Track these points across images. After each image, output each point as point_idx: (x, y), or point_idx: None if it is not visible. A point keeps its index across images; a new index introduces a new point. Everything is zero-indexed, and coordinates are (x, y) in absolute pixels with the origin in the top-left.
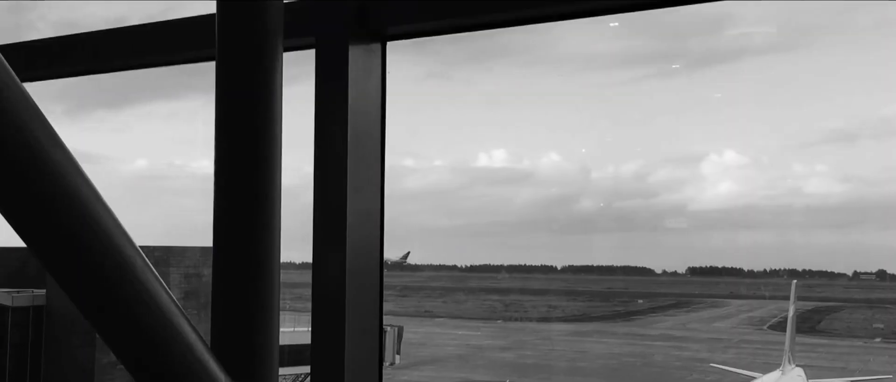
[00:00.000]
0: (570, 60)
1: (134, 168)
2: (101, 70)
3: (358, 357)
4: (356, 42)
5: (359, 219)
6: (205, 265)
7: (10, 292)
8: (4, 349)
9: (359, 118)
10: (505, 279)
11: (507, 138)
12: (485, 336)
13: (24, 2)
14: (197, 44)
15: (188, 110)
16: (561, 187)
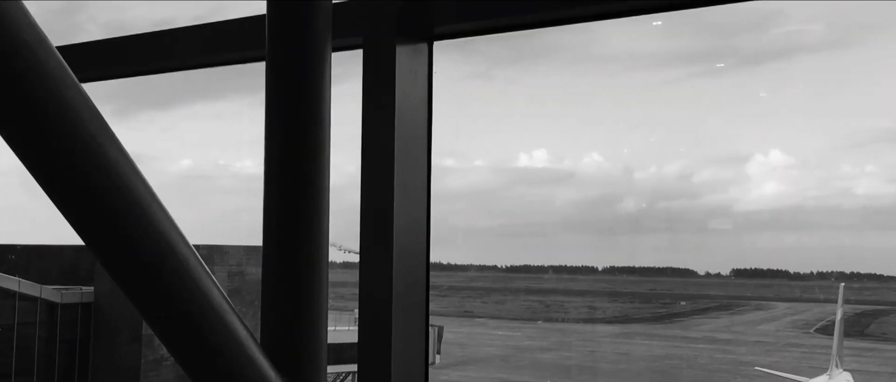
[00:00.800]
0: (612, 60)
1: (179, 168)
2: (153, 71)
3: (404, 357)
4: (403, 42)
5: (405, 219)
6: (248, 263)
7: (59, 289)
8: (54, 344)
9: (405, 119)
10: (550, 279)
11: (548, 138)
12: (525, 336)
13: (75, 4)
14: (246, 45)
15: (232, 111)
16: (603, 187)
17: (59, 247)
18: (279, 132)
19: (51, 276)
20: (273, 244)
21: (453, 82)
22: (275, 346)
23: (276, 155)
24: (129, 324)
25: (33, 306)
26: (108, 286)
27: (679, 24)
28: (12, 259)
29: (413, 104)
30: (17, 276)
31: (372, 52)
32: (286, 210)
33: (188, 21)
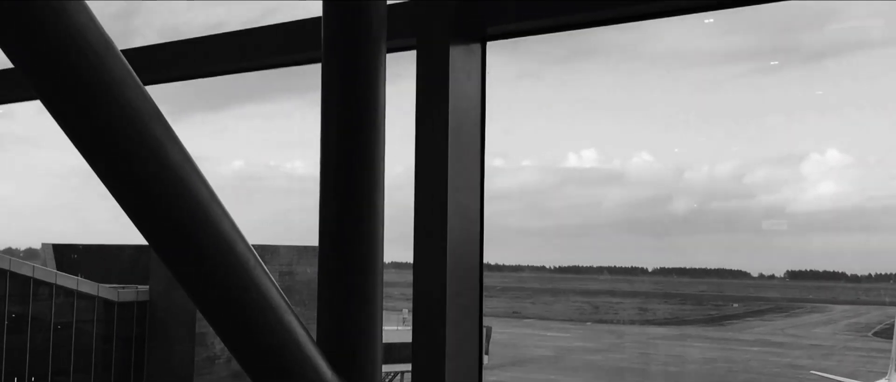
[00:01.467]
0: (663, 58)
1: (231, 169)
2: (209, 74)
3: (458, 356)
4: (457, 43)
5: (459, 219)
6: (298, 263)
7: (116, 287)
8: (111, 342)
9: (459, 119)
10: (599, 280)
11: (597, 138)
12: (574, 337)
13: (131, 8)
14: (301, 47)
15: (283, 112)
16: (653, 187)
17: (120, 246)
18: (335, 133)
19: (111, 275)
20: (329, 245)
21: (503, 82)
22: (331, 345)
23: (332, 156)
24: (182, 322)
25: (91, 304)
26: (163, 284)
27: (731, 21)
28: (74, 258)
29: (466, 105)
30: (79, 275)
31: (426, 53)
32: (342, 211)
33: (239, 24)
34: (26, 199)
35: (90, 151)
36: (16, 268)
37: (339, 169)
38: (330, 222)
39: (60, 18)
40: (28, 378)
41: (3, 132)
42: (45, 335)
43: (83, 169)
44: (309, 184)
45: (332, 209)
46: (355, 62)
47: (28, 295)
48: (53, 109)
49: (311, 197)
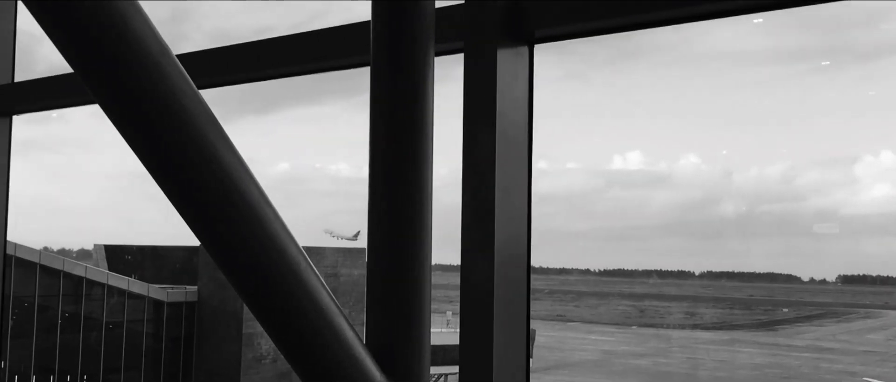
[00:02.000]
0: (711, 59)
1: (277, 171)
2: (260, 78)
3: (506, 358)
4: (504, 46)
5: (506, 221)
6: (342, 265)
7: (165, 288)
8: (161, 341)
9: (507, 122)
10: (644, 283)
11: (643, 140)
12: (619, 341)
13: (181, 12)
14: (349, 51)
15: (329, 114)
16: (700, 189)
17: (172, 248)
18: (384, 136)
19: (163, 275)
20: (377, 247)
21: (548, 84)
22: (379, 346)
23: (381, 158)
24: (230, 323)
25: (141, 304)
26: (211, 285)
27: (781, 21)
28: (128, 259)
29: (514, 107)
30: (133, 275)
31: (473, 55)
32: (390, 213)
33: (288, 28)
34: (79, 200)
35: (146, 155)
36: (69, 268)
37: (387, 172)
38: (378, 224)
39: (120, 26)
40: (80, 376)
41: (57, 135)
42: (97, 334)
43: (134, 171)
44: (353, 186)
45: (381, 212)
46: (404, 66)
47: (80, 295)
48: (111, 115)
49: (356, 199)
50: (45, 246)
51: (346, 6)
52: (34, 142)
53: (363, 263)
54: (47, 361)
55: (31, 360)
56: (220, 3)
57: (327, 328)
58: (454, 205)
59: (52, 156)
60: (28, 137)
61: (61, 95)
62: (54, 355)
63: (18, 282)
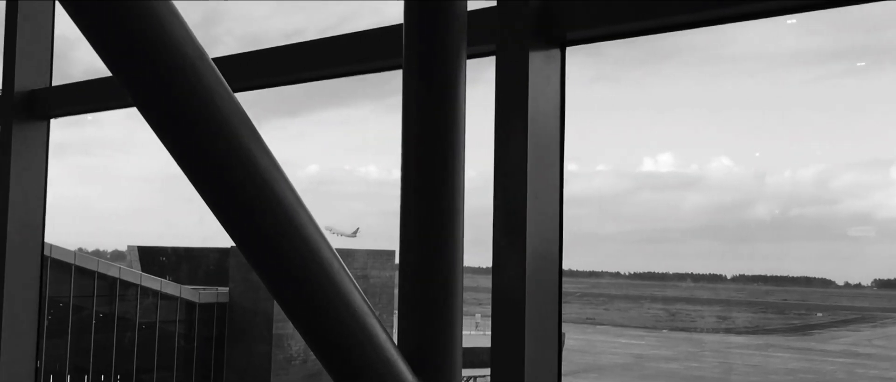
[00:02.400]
0: (744, 60)
1: (307, 173)
2: (294, 81)
3: (537, 362)
4: (536, 48)
5: (538, 224)
6: (372, 267)
7: (197, 289)
8: (193, 341)
9: (538, 124)
10: (684, 286)
11: (674, 142)
12: (649, 345)
13: (213, 16)
14: (382, 54)
15: (358, 117)
16: (732, 192)
17: (205, 249)
18: (416, 139)
19: (198, 277)
20: (410, 249)
21: (578, 86)
22: (411, 348)
23: (413, 161)
24: (260, 324)
25: (174, 305)
26: (242, 286)
27: (816, 21)
28: (163, 261)
29: (545, 110)
30: (168, 276)
31: (504, 58)
32: (422, 215)
33: (318, 31)
34: (113, 202)
35: (183, 157)
36: (103, 269)
37: (419, 174)
38: (410, 226)
39: (158, 30)
40: (114, 375)
41: (91, 138)
42: (131, 334)
43: (166, 174)
44: (382, 188)
45: (413, 214)
46: (436, 68)
47: (114, 296)
48: (149, 118)
49: (385, 201)
50: (80, 247)
51: (375, 8)
52: (69, 145)
53: (393, 265)
54: (82, 360)
55: (66, 359)
56: (252, 8)
57: (360, 330)
58: (482, 207)
59: (87, 158)
60: (63, 139)
61: (97, 99)
62: (89, 354)
63: (54, 283)
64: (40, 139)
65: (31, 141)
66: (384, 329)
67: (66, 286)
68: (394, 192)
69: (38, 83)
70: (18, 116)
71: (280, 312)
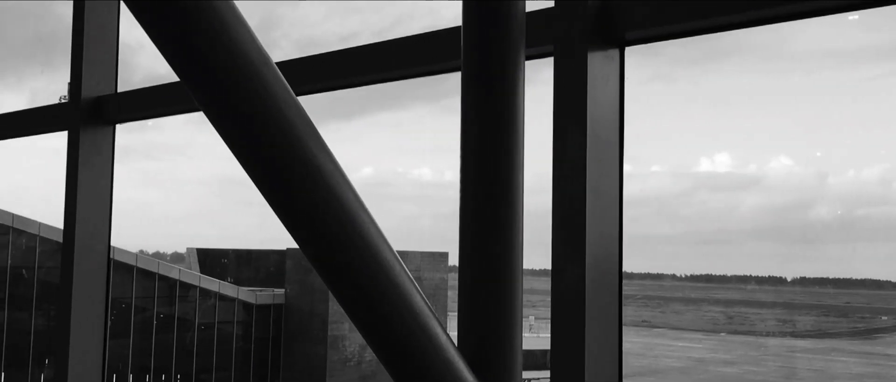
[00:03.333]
0: (804, 58)
1: (361, 176)
2: (354, 84)
3: (598, 365)
4: (595, 49)
5: (598, 225)
6: (426, 268)
7: (254, 290)
8: (250, 342)
9: (597, 125)
10: (742, 289)
11: (732, 142)
12: (707, 348)
13: (271, 21)
14: (439, 57)
15: (412, 120)
16: (792, 193)
17: (266, 252)
18: (475, 141)
19: (259, 278)
20: (469, 250)
21: (634, 85)
22: (471, 350)
23: (472, 163)
24: (316, 325)
25: (231, 306)
26: (298, 288)
27: (878, 17)
28: (224, 263)
29: (604, 111)
30: (229, 278)
31: (563, 59)
32: (482, 217)
33: (373, 33)
34: (172, 205)
35: (248, 161)
36: (164, 271)
37: (478, 176)
38: (470, 228)
39: (224, 37)
40: (174, 375)
41: (152, 143)
42: (190, 334)
43: (224, 177)
44: (436, 191)
45: (472, 215)
46: (495, 71)
47: (174, 297)
48: (215, 122)
49: (439, 203)
50: (141, 249)
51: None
52: (131, 149)
53: (446, 267)
54: (143, 360)
55: (129, 359)
56: (308, 12)
57: (420, 331)
58: (535, 209)
59: (148, 162)
60: (124, 143)
61: (161, 104)
62: (150, 354)
63: (116, 284)
64: (106, 144)
65: (98, 146)
66: (445, 331)
67: (128, 287)
68: (447, 194)
69: (104, 90)
70: (86, 122)
71: (335, 313)
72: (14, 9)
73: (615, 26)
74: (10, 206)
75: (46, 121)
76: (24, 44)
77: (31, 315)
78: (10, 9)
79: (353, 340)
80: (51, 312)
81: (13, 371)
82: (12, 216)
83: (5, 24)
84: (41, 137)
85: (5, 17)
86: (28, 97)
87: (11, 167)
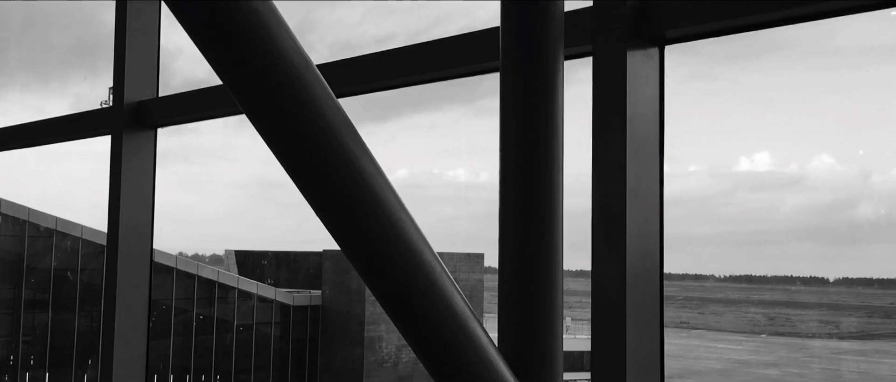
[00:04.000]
0: (847, 54)
1: (396, 178)
2: (391, 87)
3: (640, 367)
4: (634, 48)
5: (638, 226)
6: (461, 269)
7: (291, 292)
8: (288, 343)
9: (637, 126)
10: (783, 289)
11: (772, 141)
12: (747, 350)
13: (306, 24)
14: (477, 58)
15: (448, 122)
16: (834, 192)
17: (304, 253)
18: (515, 142)
19: (299, 280)
20: (509, 252)
21: (672, 83)
22: (512, 352)
23: (512, 165)
24: (352, 326)
25: (269, 307)
26: (335, 289)
27: None
28: (264, 264)
29: (644, 111)
30: (269, 280)
31: (602, 59)
32: (522, 218)
33: (408, 35)
34: (210, 208)
35: (290, 163)
36: (203, 273)
37: (518, 177)
38: (509, 229)
39: (268, 43)
40: (213, 376)
41: (189, 146)
42: (229, 335)
43: (261, 180)
44: (472, 192)
45: (512, 217)
46: (533, 72)
47: (213, 298)
48: (259, 126)
49: (474, 204)
50: (180, 252)
51: (465, 11)
52: (170, 152)
53: (482, 268)
54: (184, 361)
55: (169, 360)
56: (344, 14)
57: (461, 332)
58: (572, 209)
59: (186, 165)
60: (162, 147)
61: (201, 108)
62: (190, 355)
63: (156, 286)
64: (148, 148)
65: (140, 150)
66: (485, 332)
67: (168, 289)
68: (482, 195)
69: (145, 94)
70: (128, 127)
71: (372, 314)
72: (59, 15)
73: (655, 25)
74: (54, 209)
75: (90, 125)
76: (68, 50)
77: (74, 316)
78: (55, 15)
79: (389, 341)
80: (93, 313)
81: (58, 371)
82: (56, 220)
83: (51, 31)
84: (81, 142)
85: (51, 23)
86: (71, 102)
87: (54, 172)
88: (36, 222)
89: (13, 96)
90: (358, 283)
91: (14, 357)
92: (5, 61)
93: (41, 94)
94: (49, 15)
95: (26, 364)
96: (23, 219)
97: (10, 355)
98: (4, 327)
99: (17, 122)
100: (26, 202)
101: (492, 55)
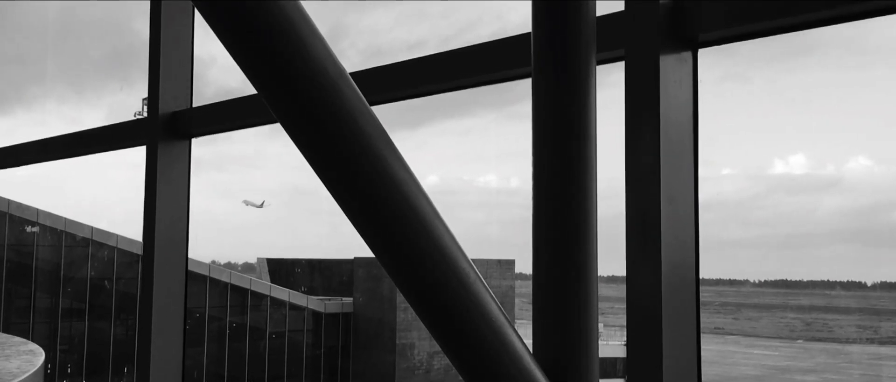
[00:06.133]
0: (884, 53)
1: (427, 184)
2: (423, 94)
3: (677, 373)
4: (667, 51)
5: (673, 230)
6: (492, 275)
7: (323, 299)
8: (320, 350)
9: (671, 130)
10: (820, 294)
11: (807, 142)
12: (783, 356)
13: (338, 31)
14: (509, 64)
15: (479, 127)
16: (873, 194)
17: (338, 261)
18: (548, 147)
19: (332, 287)
20: (543, 258)
21: (706, 86)
22: (547, 358)
23: (545, 170)
24: (384, 334)
25: (301, 315)
26: (366, 296)
27: None
28: (298, 272)
29: (678, 115)
30: (302, 287)
31: (634, 62)
32: (555, 224)
33: (439, 41)
34: (243, 216)
35: (325, 172)
36: (236, 281)
37: (551, 183)
38: (543, 234)
39: (302, 52)
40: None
41: (222, 154)
42: (262, 342)
43: (293, 188)
44: (502, 197)
45: (546, 222)
46: (566, 77)
47: (246, 306)
48: (294, 136)
49: (504, 210)
50: (213, 260)
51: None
52: (203, 161)
53: (513, 274)
54: (217, 368)
55: (203, 367)
56: (375, 20)
57: (495, 338)
58: (605, 213)
59: (219, 174)
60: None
61: (234, 118)
62: (223, 362)
63: (190, 294)
64: (183, 158)
65: (175, 160)
66: (520, 339)
67: (202, 297)
68: (513, 200)
69: (180, 105)
70: (163, 137)
71: (404, 321)
72: (93, 27)
73: (687, 28)
74: (89, 219)
75: (126, 136)
76: (102, 61)
77: (110, 325)
78: (90, 27)
79: (421, 348)
80: (129, 322)
81: (94, 379)
82: (91, 229)
83: (86, 42)
84: (114, 153)
85: (86, 34)
86: (105, 112)
87: (89, 182)
88: (72, 232)
89: (50, 107)
90: (390, 290)
91: (51, 366)
92: (43, 73)
93: (76, 105)
94: (84, 25)
95: (64, 373)
96: (60, 229)
97: (48, 363)
98: (42, 335)
99: (54, 133)
100: (63, 213)
101: (524, 60)
